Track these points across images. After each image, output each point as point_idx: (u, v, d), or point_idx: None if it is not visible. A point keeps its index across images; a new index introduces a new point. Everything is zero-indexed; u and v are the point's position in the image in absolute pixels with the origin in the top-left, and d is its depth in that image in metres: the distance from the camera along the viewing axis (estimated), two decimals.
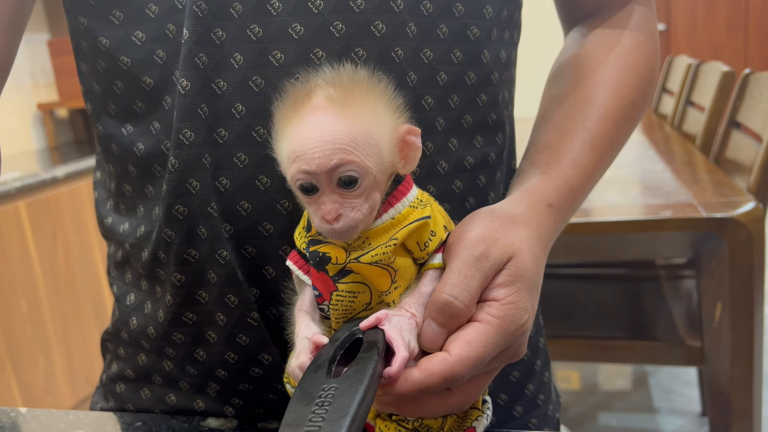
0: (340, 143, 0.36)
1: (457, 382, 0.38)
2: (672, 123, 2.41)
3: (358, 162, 0.36)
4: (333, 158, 0.36)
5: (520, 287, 0.40)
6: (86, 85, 0.54)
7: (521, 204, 0.46)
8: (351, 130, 0.36)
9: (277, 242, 0.48)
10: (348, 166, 0.36)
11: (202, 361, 0.53)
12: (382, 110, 0.38)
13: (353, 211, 0.37)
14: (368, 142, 0.37)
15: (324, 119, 0.36)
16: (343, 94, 0.37)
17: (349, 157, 0.36)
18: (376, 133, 0.37)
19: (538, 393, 0.61)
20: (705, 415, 1.91)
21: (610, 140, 0.54)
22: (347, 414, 0.32)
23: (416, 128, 0.39)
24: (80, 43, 0.52)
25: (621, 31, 0.58)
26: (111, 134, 0.53)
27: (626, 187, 1.46)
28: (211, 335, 0.52)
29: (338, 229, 0.37)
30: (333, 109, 0.36)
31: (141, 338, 0.56)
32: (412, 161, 0.40)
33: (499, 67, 0.54)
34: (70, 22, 0.52)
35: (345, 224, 0.37)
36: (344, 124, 0.36)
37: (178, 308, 0.51)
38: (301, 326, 0.41)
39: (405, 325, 0.38)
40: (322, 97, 0.37)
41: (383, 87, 0.39)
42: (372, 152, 0.37)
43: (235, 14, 0.46)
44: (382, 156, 0.38)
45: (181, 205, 0.48)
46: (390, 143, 0.38)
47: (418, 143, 0.39)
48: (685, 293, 1.62)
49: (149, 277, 0.54)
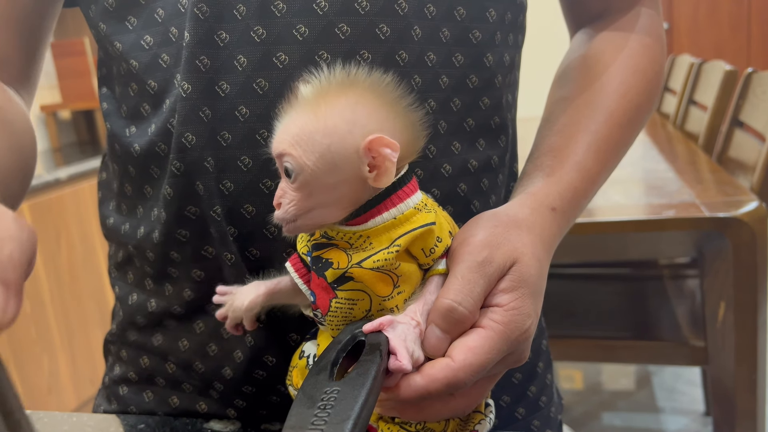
0: (287, 134, 0.38)
1: (459, 388, 0.37)
2: (674, 122, 2.40)
3: (294, 156, 0.38)
4: (278, 147, 0.39)
5: (523, 293, 0.40)
6: (108, 87, 0.55)
7: (525, 208, 0.46)
8: (301, 125, 0.38)
9: (282, 245, 0.48)
10: (286, 157, 0.38)
11: (213, 355, 0.54)
12: (359, 116, 0.38)
13: (290, 204, 0.39)
14: (316, 141, 0.38)
15: (291, 113, 0.39)
16: (315, 93, 0.39)
17: (288, 150, 0.38)
18: (335, 135, 0.37)
19: (541, 395, 0.61)
20: (709, 415, 1.91)
21: (615, 143, 0.54)
22: (350, 417, 0.32)
23: (392, 141, 0.37)
24: (104, 48, 0.54)
25: (628, 34, 0.58)
26: (116, 134, 0.53)
27: (629, 186, 1.46)
28: (225, 330, 0.52)
29: (277, 216, 0.40)
30: (299, 106, 0.39)
31: (155, 333, 0.56)
32: (385, 174, 0.38)
33: (502, 71, 0.53)
34: (93, 29, 0.53)
35: (280, 213, 0.39)
36: (299, 119, 0.38)
37: (201, 301, 0.52)
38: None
39: (409, 335, 0.38)
40: (301, 93, 0.39)
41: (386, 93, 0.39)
42: (315, 150, 0.37)
43: (238, 16, 0.45)
44: (332, 159, 0.37)
45: (193, 205, 0.49)
46: (352, 149, 0.38)
47: (393, 158, 0.38)
48: (688, 293, 1.62)
49: (157, 276, 0.54)
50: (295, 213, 0.39)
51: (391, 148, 0.38)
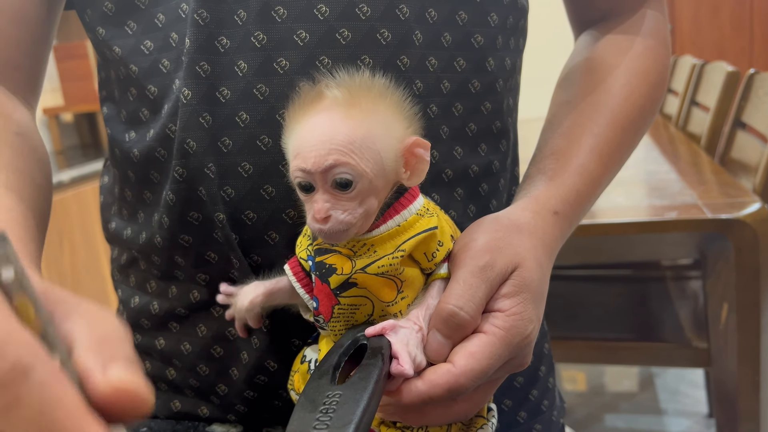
0: (337, 144, 0.36)
1: (461, 393, 0.38)
2: (677, 123, 2.40)
3: (353, 165, 0.36)
4: (328, 158, 0.36)
5: (525, 297, 0.40)
6: (107, 91, 0.55)
7: (526, 212, 0.46)
8: (350, 133, 0.36)
9: (283, 251, 0.48)
10: (342, 167, 0.36)
11: (218, 357, 0.54)
12: (390, 118, 0.38)
13: (344, 214, 0.37)
14: (367, 147, 0.37)
15: (325, 120, 0.37)
16: (349, 96, 0.37)
17: (344, 159, 0.36)
18: (379, 139, 0.37)
19: (543, 399, 0.61)
20: (712, 417, 1.90)
21: (618, 146, 0.53)
22: (351, 421, 0.32)
23: (425, 141, 0.39)
24: (102, 52, 0.53)
25: (632, 36, 0.58)
26: (116, 139, 0.53)
27: (631, 188, 1.45)
28: (231, 332, 0.52)
29: (326, 230, 0.38)
30: (336, 111, 0.37)
31: (158, 336, 0.56)
32: (418, 174, 0.40)
33: (504, 75, 0.53)
34: (90, 33, 0.53)
35: (332, 226, 0.37)
36: (344, 126, 0.36)
37: (207, 303, 0.52)
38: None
39: (412, 339, 0.38)
40: (330, 98, 0.37)
41: (396, 95, 0.39)
42: (370, 157, 0.37)
43: (239, 21, 0.45)
44: (382, 163, 0.38)
45: (196, 211, 0.48)
46: (394, 152, 0.38)
47: (426, 157, 0.39)
48: (691, 294, 1.61)
49: (163, 278, 0.54)
50: (351, 222, 0.38)
51: (424, 148, 0.39)
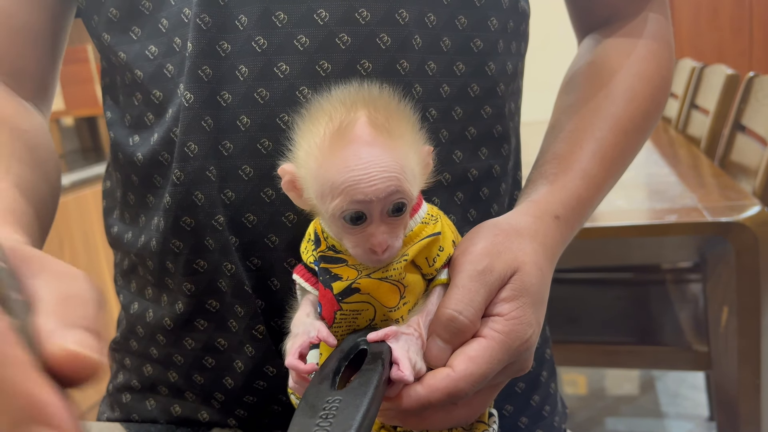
0: (394, 172, 0.36)
1: (460, 398, 0.37)
2: (677, 126, 2.40)
3: (407, 190, 0.37)
4: (390, 187, 0.36)
5: (524, 302, 0.40)
6: (111, 95, 0.56)
7: (527, 216, 0.46)
8: (399, 159, 0.36)
9: (283, 254, 0.48)
10: (400, 194, 0.36)
11: (211, 368, 0.54)
12: (414, 135, 0.39)
13: (397, 240, 0.38)
14: (411, 169, 0.37)
15: (374, 148, 0.36)
16: (385, 122, 0.37)
17: (403, 186, 0.36)
18: (413, 159, 0.38)
19: (544, 404, 0.61)
20: (712, 420, 1.90)
21: (621, 150, 0.53)
22: (351, 426, 0.32)
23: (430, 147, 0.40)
24: (108, 58, 0.54)
25: (635, 40, 0.57)
26: (120, 143, 0.54)
27: (631, 191, 1.46)
28: (221, 342, 0.52)
29: (385, 259, 0.38)
30: (380, 139, 0.36)
31: (150, 346, 0.56)
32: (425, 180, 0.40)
33: (504, 79, 0.53)
34: (95, 39, 0.53)
35: (391, 254, 0.38)
36: (391, 152, 0.36)
37: (190, 316, 0.52)
38: (307, 311, 0.41)
39: (412, 345, 0.38)
40: (367, 125, 0.36)
41: (408, 108, 0.39)
42: (412, 179, 0.37)
43: (240, 26, 0.46)
44: (416, 180, 0.38)
45: (189, 216, 0.48)
46: (420, 167, 0.39)
47: (431, 162, 0.40)
48: (691, 297, 1.61)
49: (157, 285, 0.54)
50: (399, 246, 0.38)
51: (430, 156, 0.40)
